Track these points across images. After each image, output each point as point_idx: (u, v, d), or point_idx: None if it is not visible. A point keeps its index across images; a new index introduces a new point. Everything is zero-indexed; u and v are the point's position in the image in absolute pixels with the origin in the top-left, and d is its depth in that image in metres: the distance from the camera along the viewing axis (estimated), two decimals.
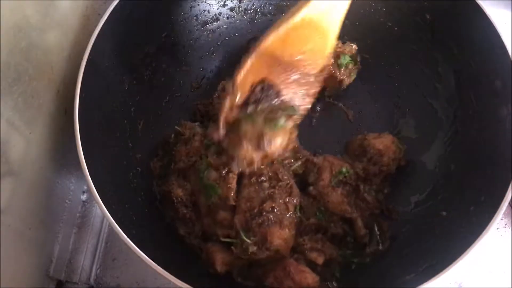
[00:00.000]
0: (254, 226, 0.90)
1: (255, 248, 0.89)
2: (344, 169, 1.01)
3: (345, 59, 1.12)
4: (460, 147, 1.00)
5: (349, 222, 1.01)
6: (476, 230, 0.80)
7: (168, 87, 1.16)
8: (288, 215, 0.93)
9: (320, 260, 0.95)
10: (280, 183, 0.96)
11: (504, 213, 0.81)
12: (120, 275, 1.09)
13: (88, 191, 1.14)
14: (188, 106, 1.18)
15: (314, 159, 1.04)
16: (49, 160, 0.97)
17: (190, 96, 1.20)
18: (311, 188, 1.02)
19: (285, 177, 0.97)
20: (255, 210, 0.92)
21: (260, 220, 0.91)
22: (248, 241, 0.89)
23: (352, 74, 1.16)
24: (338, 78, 1.13)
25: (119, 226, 0.80)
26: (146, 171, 1.05)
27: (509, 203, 0.82)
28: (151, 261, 0.78)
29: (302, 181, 1.04)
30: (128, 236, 0.79)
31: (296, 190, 0.98)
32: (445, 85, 1.07)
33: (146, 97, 1.10)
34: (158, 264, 0.78)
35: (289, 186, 0.97)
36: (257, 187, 0.95)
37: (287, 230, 0.92)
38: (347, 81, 1.16)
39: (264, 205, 0.92)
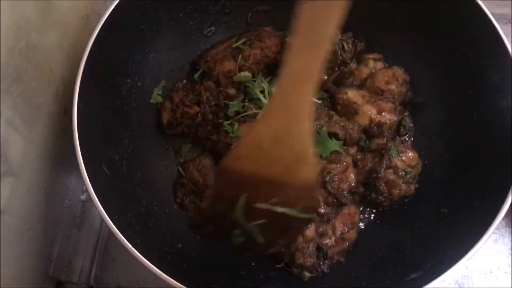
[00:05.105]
0: None
1: None
2: None
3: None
4: (460, 145, 1.00)
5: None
6: (477, 231, 0.80)
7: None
8: None
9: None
10: None
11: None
12: (120, 275, 1.09)
13: (87, 191, 1.13)
14: None
15: None
16: (48, 160, 0.97)
17: None
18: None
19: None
20: None
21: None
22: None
23: None
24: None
25: (117, 228, 0.79)
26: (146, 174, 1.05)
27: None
28: (152, 265, 0.77)
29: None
30: (128, 241, 0.78)
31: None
32: (444, 83, 1.07)
33: (145, 98, 1.10)
34: (159, 268, 0.77)
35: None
36: None
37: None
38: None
39: None
